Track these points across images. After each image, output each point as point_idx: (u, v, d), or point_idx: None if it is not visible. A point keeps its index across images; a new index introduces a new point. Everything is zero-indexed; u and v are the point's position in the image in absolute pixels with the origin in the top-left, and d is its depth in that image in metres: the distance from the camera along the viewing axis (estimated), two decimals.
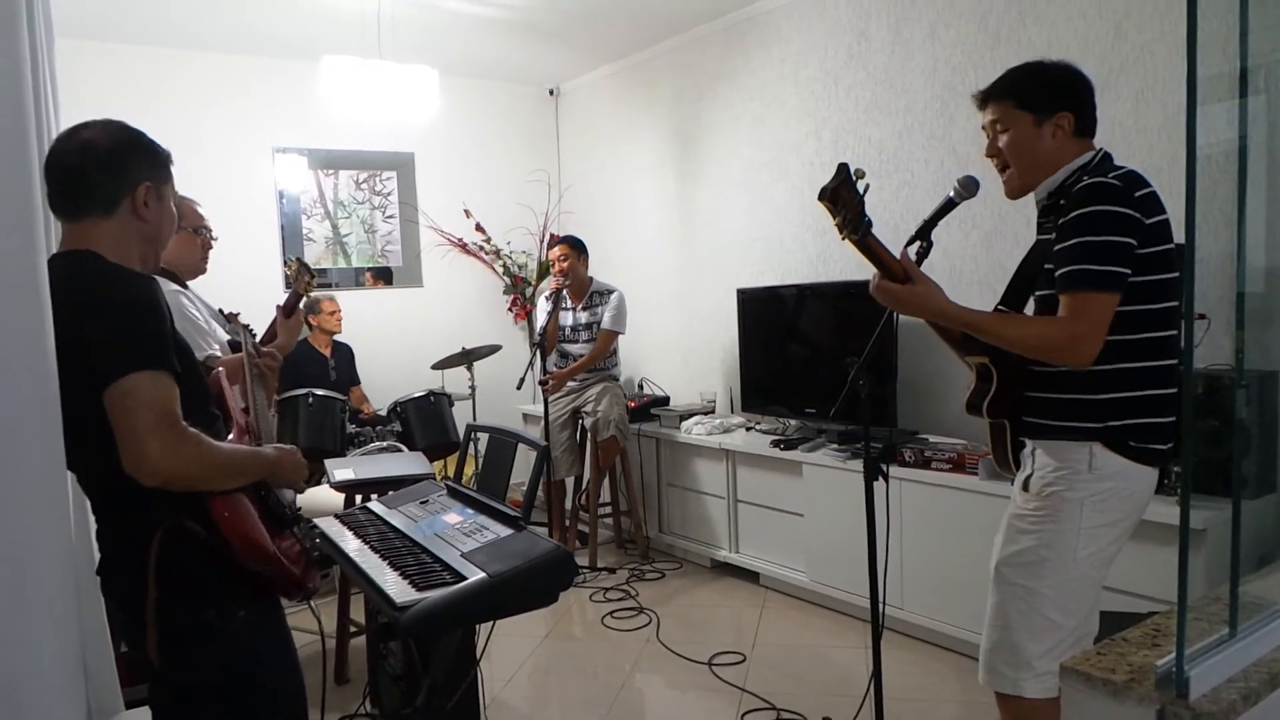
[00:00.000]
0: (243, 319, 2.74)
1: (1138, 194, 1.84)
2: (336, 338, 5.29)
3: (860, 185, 1.87)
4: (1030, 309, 2.10)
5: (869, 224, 1.88)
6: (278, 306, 2.85)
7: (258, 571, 1.63)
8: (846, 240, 1.90)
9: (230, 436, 1.76)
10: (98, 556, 1.69)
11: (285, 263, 5.41)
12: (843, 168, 1.85)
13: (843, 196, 1.85)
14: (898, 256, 1.99)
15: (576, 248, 4.98)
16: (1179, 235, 1.41)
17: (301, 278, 2.88)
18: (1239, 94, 1.41)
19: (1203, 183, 1.26)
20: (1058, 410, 1.94)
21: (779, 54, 4.70)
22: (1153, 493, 1.96)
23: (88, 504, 1.73)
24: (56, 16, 2.31)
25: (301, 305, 2.96)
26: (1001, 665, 1.98)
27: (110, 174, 1.63)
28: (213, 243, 2.85)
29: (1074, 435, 1.91)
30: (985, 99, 2.06)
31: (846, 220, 1.86)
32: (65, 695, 1.45)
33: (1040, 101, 1.98)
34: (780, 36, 4.68)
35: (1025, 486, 2.00)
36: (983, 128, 2.10)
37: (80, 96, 4.53)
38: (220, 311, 2.85)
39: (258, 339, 2.66)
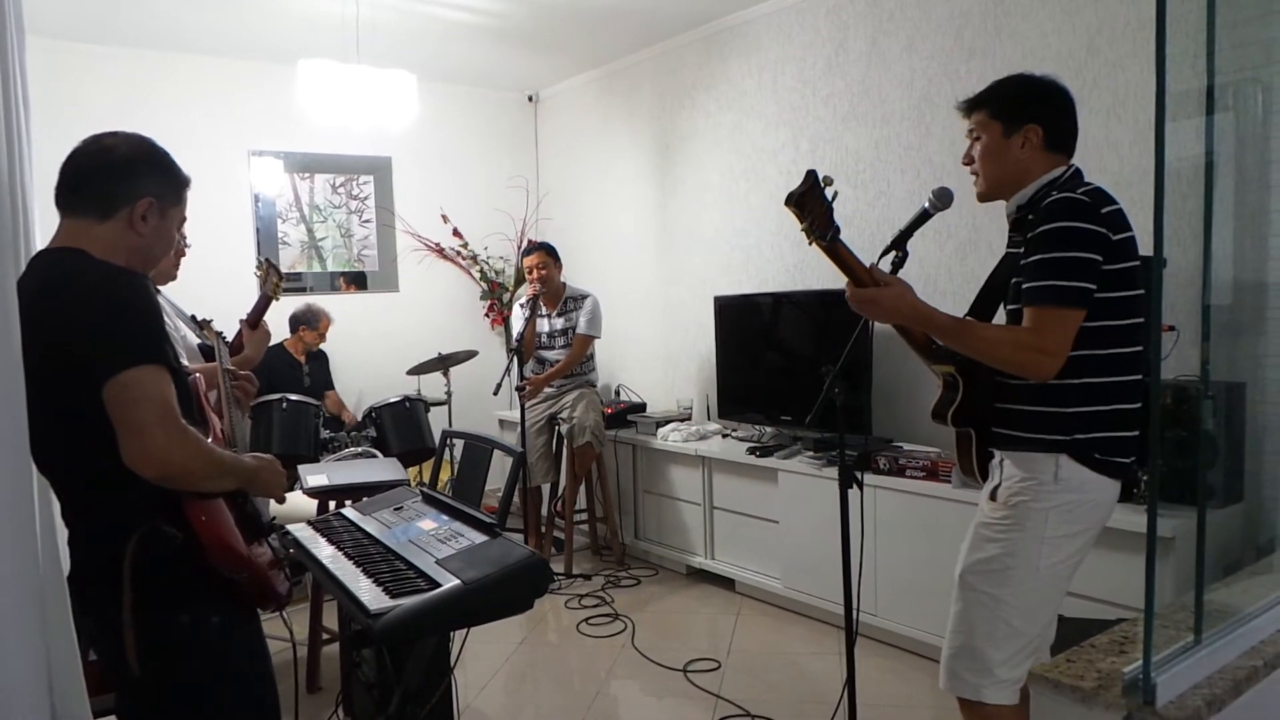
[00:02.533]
0: (216, 325, 2.72)
1: (1104, 210, 1.87)
2: None
3: (829, 192, 1.87)
4: (1000, 322, 2.13)
5: (837, 230, 1.89)
6: (242, 320, 2.82)
7: (232, 578, 1.62)
8: (814, 245, 1.91)
9: (211, 440, 1.75)
10: (67, 563, 1.67)
11: (258, 263, 5.38)
12: (810, 174, 1.86)
13: (809, 203, 1.85)
14: (869, 266, 2.01)
15: (552, 255, 4.98)
16: (1148, 248, 1.44)
17: (270, 279, 2.87)
18: (1206, 111, 1.44)
19: (1171, 197, 1.28)
20: (1025, 422, 1.96)
21: (758, 63, 4.73)
22: (1115, 505, 2.00)
23: (55, 510, 1.71)
24: (30, 16, 2.28)
25: (269, 312, 2.93)
26: (963, 671, 2.01)
27: (116, 181, 1.63)
28: (186, 250, 2.82)
29: (1041, 447, 1.94)
30: (969, 107, 2.10)
31: (814, 226, 1.86)
32: (31, 705, 1.43)
33: (1010, 112, 2.02)
34: (759, 46, 4.71)
35: (993, 496, 2.03)
36: (966, 135, 2.13)
37: (55, 98, 4.51)
38: (193, 318, 2.82)
39: (227, 341, 2.64)
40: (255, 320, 2.81)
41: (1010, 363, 1.90)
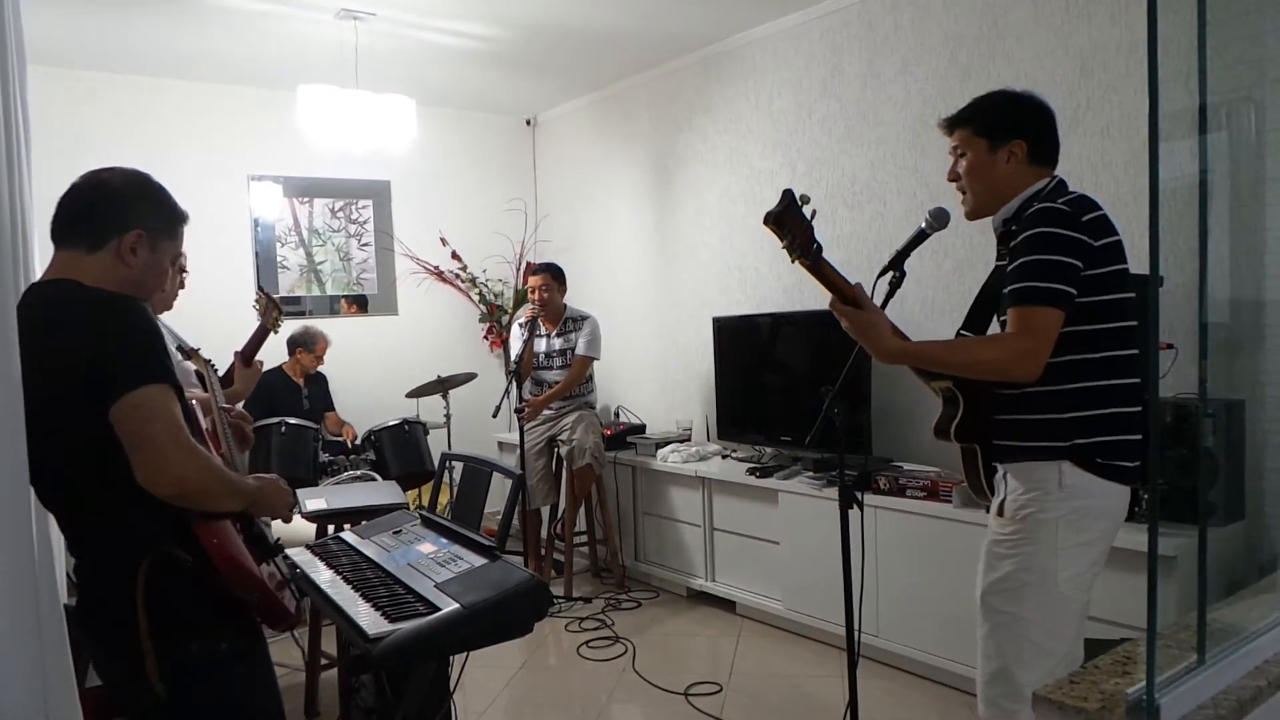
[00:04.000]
0: (212, 349, 2.70)
1: (1085, 218, 1.89)
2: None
3: (807, 210, 1.89)
4: (994, 331, 2.13)
5: (819, 248, 1.90)
6: (236, 353, 2.80)
7: (245, 599, 1.61)
8: (797, 263, 1.92)
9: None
10: (64, 591, 1.66)
11: (257, 296, 5.40)
12: (787, 193, 1.88)
13: (789, 221, 1.87)
14: (870, 286, 2.02)
15: (558, 277, 4.99)
16: (1144, 267, 1.45)
17: (270, 313, 2.86)
18: (1200, 130, 1.45)
19: (1166, 216, 1.28)
20: (1025, 431, 1.96)
21: (754, 86, 4.76)
22: (1125, 511, 1.98)
23: (53, 537, 1.70)
24: (30, 43, 2.30)
25: (278, 332, 2.92)
26: (999, 698, 1.97)
27: (107, 213, 1.64)
28: (184, 282, 2.79)
29: (1042, 455, 1.93)
30: (951, 125, 2.12)
31: (795, 244, 1.88)
32: None
33: (995, 128, 2.04)
34: (755, 69, 4.75)
35: (1000, 511, 2.02)
36: (949, 153, 2.15)
37: (55, 125, 4.54)
38: (181, 347, 2.81)
39: (218, 370, 2.62)
40: (249, 356, 2.79)
41: (992, 370, 1.91)
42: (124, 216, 1.64)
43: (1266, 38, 2.14)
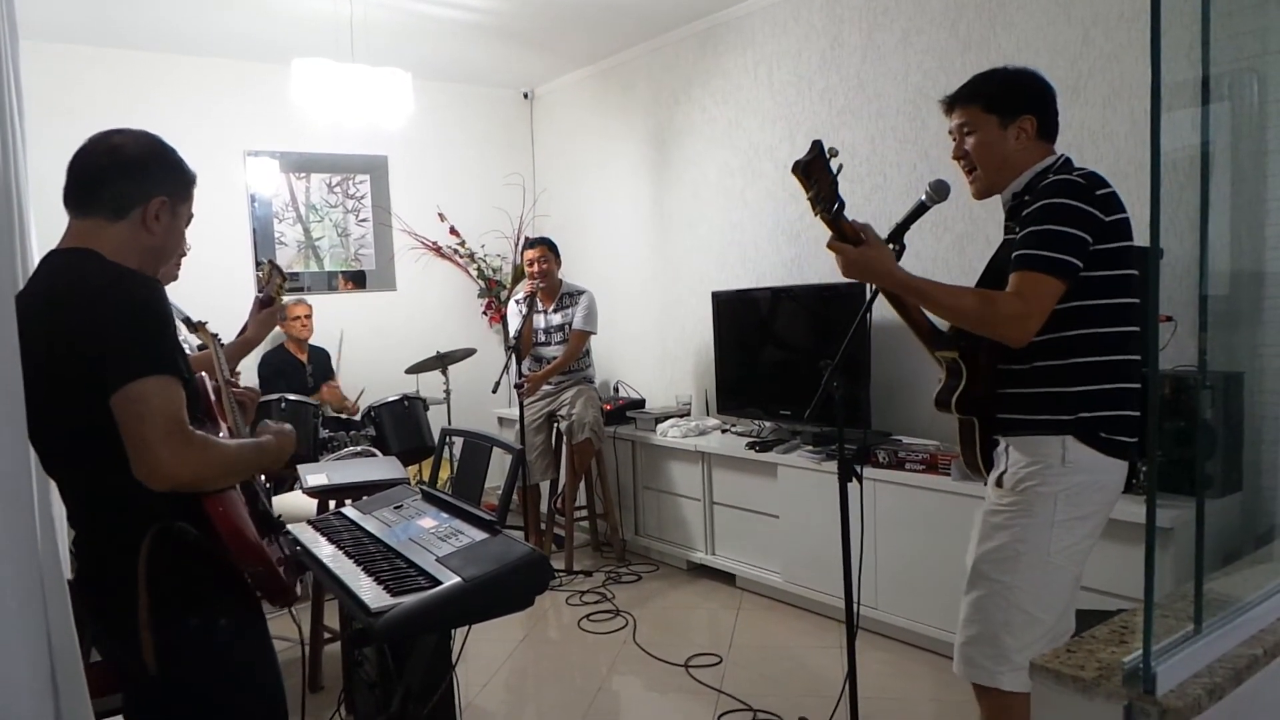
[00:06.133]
0: (212, 325, 2.70)
1: (1099, 192, 1.90)
2: (311, 342, 5.25)
3: (834, 164, 1.88)
4: None
5: (842, 203, 1.90)
6: (257, 296, 2.80)
7: (247, 572, 1.62)
8: (819, 216, 1.91)
9: (222, 434, 1.75)
10: (66, 566, 1.67)
11: (258, 265, 5.38)
12: (817, 144, 1.87)
13: (816, 172, 1.86)
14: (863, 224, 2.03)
15: (554, 249, 4.98)
16: (1145, 238, 1.45)
17: (273, 280, 2.84)
18: (1202, 101, 1.44)
19: (1168, 187, 1.28)
20: (1029, 405, 1.97)
21: (753, 58, 4.72)
22: (1123, 486, 1.99)
23: (56, 512, 1.70)
24: (22, 18, 2.28)
25: (280, 298, 2.91)
26: (980, 658, 2.00)
27: (129, 180, 1.62)
28: (187, 250, 2.80)
29: (1046, 429, 1.94)
30: (952, 104, 2.11)
31: (820, 196, 1.87)
32: (34, 707, 1.43)
33: (1006, 105, 2.03)
34: (755, 41, 4.71)
35: (999, 482, 2.03)
36: (949, 132, 2.13)
37: (48, 100, 4.50)
38: (186, 320, 2.79)
39: (223, 343, 2.62)
40: (269, 299, 2.77)
41: (986, 323, 1.91)
42: (146, 184, 1.63)
43: (1270, 6, 2.13)
